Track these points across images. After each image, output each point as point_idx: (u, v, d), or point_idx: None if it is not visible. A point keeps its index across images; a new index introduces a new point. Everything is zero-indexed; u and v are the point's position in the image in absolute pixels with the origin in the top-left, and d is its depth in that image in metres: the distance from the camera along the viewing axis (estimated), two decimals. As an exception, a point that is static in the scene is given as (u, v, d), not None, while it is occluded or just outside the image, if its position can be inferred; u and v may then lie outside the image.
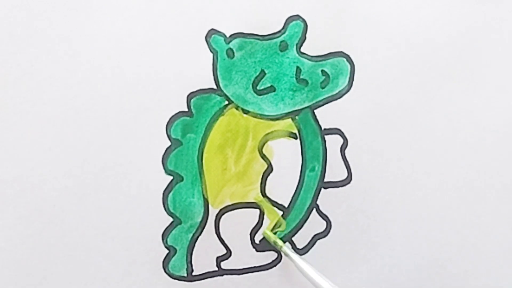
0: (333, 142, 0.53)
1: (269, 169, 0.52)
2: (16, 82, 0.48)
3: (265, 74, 0.51)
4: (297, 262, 0.51)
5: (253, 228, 0.53)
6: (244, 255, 0.53)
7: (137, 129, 0.50)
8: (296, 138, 0.53)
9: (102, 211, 0.50)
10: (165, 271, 0.51)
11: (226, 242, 0.52)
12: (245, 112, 0.51)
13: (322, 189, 0.53)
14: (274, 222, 0.53)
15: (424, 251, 0.55)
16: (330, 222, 0.53)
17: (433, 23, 0.53)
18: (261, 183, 0.52)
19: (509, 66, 0.54)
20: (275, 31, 0.51)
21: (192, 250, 0.52)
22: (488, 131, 0.55)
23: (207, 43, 0.50)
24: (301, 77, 0.52)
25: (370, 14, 0.52)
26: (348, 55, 0.52)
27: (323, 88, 0.52)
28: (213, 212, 0.52)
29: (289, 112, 0.52)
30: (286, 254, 0.51)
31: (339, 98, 0.53)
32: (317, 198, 0.53)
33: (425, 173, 0.54)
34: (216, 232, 0.52)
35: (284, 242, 0.53)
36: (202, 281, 0.52)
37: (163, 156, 0.50)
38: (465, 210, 0.55)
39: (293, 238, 0.53)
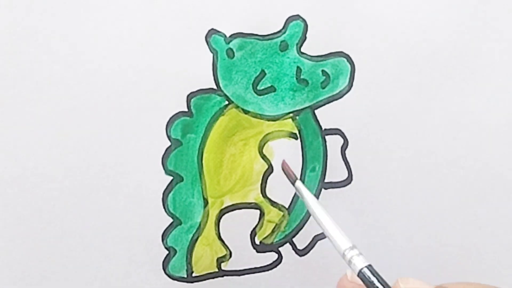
0: (333, 142, 0.53)
1: (270, 169, 0.52)
2: (16, 82, 0.48)
3: (265, 74, 0.51)
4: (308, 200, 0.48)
5: (253, 229, 0.53)
6: (244, 256, 0.53)
7: (137, 129, 0.50)
8: (296, 138, 0.53)
9: (102, 211, 0.50)
10: (165, 272, 0.51)
11: (226, 242, 0.52)
12: (245, 112, 0.51)
13: (323, 189, 0.53)
14: (275, 222, 0.53)
15: (424, 251, 0.55)
16: (330, 222, 0.53)
17: (433, 23, 0.53)
18: (261, 184, 0.52)
19: (509, 66, 0.54)
20: (275, 31, 0.51)
21: (192, 250, 0.52)
22: (488, 131, 0.55)
23: (207, 43, 0.50)
24: (302, 77, 0.52)
25: (370, 14, 0.52)
26: (348, 55, 0.52)
27: (323, 88, 0.52)
28: (213, 213, 0.52)
29: (289, 112, 0.52)
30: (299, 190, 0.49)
31: (340, 98, 0.53)
32: (317, 198, 0.53)
33: (425, 173, 0.54)
34: (216, 233, 0.52)
35: (284, 243, 0.53)
36: (202, 282, 0.52)
37: (163, 156, 0.50)
38: (465, 210, 0.55)
39: (294, 239, 0.53)
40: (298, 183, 0.49)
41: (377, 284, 0.42)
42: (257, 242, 0.53)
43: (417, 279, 0.42)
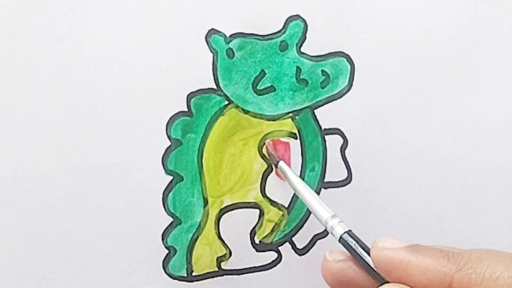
0: (333, 142, 0.53)
1: (269, 169, 0.52)
2: (16, 82, 0.48)
3: (265, 74, 0.51)
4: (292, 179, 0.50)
5: (253, 228, 0.53)
6: (244, 255, 0.53)
7: (137, 129, 0.50)
8: (296, 138, 0.53)
9: (102, 211, 0.50)
10: (165, 271, 0.51)
11: (226, 242, 0.52)
12: (245, 112, 0.51)
13: (322, 189, 0.53)
14: (274, 222, 0.53)
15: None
16: (330, 222, 0.53)
17: (433, 23, 0.53)
18: (260, 183, 0.52)
19: (509, 66, 0.54)
20: (275, 31, 0.51)
21: (192, 250, 0.52)
22: (488, 131, 0.55)
23: (207, 43, 0.50)
24: (301, 77, 0.52)
25: (370, 14, 0.52)
26: (348, 55, 0.52)
27: (323, 88, 0.52)
28: (213, 212, 0.52)
29: (289, 112, 0.52)
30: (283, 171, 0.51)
31: (339, 98, 0.53)
32: (317, 198, 0.53)
33: (425, 173, 0.54)
34: (216, 232, 0.52)
35: (284, 242, 0.53)
36: (202, 281, 0.52)
37: (163, 156, 0.50)
38: (465, 210, 0.55)
39: (293, 238, 0.53)
40: (281, 163, 0.51)
41: (356, 247, 0.45)
42: (257, 241, 0.53)
43: (394, 238, 0.43)
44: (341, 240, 0.45)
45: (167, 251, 0.51)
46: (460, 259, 0.41)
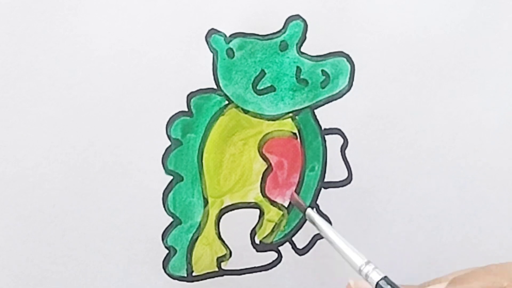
0: (333, 142, 0.53)
1: (269, 169, 0.52)
2: (16, 82, 0.48)
3: (265, 74, 0.51)
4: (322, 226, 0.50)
5: (253, 228, 0.53)
6: (244, 255, 0.53)
7: (137, 129, 0.50)
8: (296, 138, 0.53)
9: (102, 211, 0.50)
10: (165, 271, 0.51)
11: (226, 242, 0.52)
12: (245, 112, 0.51)
13: (322, 189, 0.53)
14: (274, 222, 0.53)
15: (424, 251, 0.55)
16: (330, 222, 0.53)
17: (433, 23, 0.53)
18: (261, 183, 0.52)
19: (509, 66, 0.54)
20: (275, 31, 0.51)
21: (192, 250, 0.52)
22: (488, 131, 0.55)
23: (207, 43, 0.50)
24: (301, 77, 0.52)
25: (370, 14, 0.52)
26: (348, 55, 0.52)
27: (323, 88, 0.52)
28: (213, 212, 0.52)
29: (289, 112, 0.52)
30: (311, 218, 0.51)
31: (339, 98, 0.53)
32: (317, 198, 0.53)
33: (425, 173, 0.54)
34: (216, 232, 0.52)
35: (284, 242, 0.53)
36: (202, 281, 0.52)
37: (163, 156, 0.50)
38: (465, 210, 0.55)
39: (293, 238, 0.53)
40: (309, 210, 0.51)
41: None
42: (257, 241, 0.53)
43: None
44: (378, 287, 0.45)
45: (167, 251, 0.51)
46: None
